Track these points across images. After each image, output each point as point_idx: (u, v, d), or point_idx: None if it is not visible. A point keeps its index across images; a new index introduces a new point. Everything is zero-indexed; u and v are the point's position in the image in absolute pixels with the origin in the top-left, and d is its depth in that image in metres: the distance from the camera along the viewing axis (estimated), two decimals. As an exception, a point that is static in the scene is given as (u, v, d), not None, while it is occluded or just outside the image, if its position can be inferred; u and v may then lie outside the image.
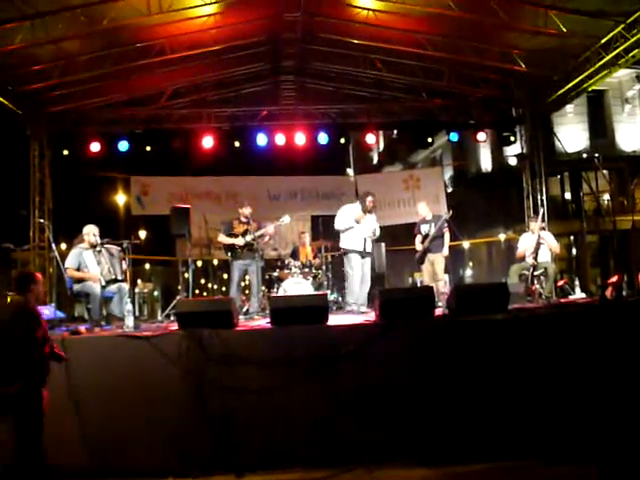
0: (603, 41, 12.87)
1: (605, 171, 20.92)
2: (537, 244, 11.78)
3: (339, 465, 7.29)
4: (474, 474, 7.01)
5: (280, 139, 16.45)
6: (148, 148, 16.26)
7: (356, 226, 11.64)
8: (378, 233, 12.03)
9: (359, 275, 11.63)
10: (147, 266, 37.58)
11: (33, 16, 11.48)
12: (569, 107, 27.55)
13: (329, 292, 13.05)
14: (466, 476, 6.99)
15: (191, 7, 12.54)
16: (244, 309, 12.57)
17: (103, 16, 11.87)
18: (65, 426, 7.50)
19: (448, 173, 35.62)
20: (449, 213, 12.84)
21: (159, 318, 11.81)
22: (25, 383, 5.98)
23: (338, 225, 11.85)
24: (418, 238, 12.85)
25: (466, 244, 30.94)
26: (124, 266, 10.53)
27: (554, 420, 7.40)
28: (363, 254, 11.73)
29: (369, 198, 11.77)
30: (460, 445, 7.37)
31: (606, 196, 28.46)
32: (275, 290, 12.86)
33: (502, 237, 28.01)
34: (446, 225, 12.63)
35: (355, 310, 11.39)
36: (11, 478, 5.85)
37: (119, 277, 10.23)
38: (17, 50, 12.33)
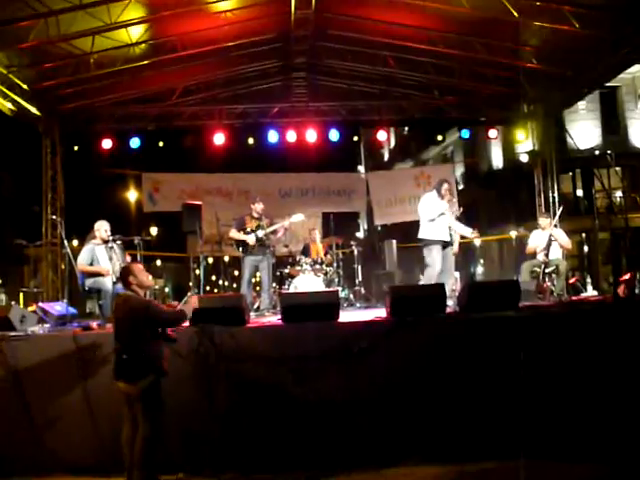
0: (616, 37, 12.80)
1: (618, 168, 20.83)
2: (549, 241, 11.73)
3: (349, 463, 7.31)
4: (484, 472, 7.01)
5: (291, 136, 16.49)
6: (160, 145, 16.32)
7: (443, 215, 10.99)
8: (456, 222, 11.42)
9: (439, 267, 10.85)
10: (158, 262, 37.74)
11: (46, 14, 11.52)
12: (581, 104, 27.46)
13: (340, 289, 13.04)
14: (476, 474, 6.99)
15: (204, 4, 12.59)
16: (255, 306, 12.57)
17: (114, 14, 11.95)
18: (78, 423, 7.56)
19: (459, 170, 35.54)
20: (459, 210, 12.80)
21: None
22: (155, 375, 6.54)
23: (428, 215, 10.96)
24: None
25: (477, 241, 30.81)
26: (129, 259, 10.58)
27: (565, 419, 7.39)
28: (446, 244, 11.08)
29: (445, 186, 11.17)
30: (470, 443, 7.37)
31: (618, 193, 28.28)
32: (286, 287, 12.87)
33: (513, 234, 27.84)
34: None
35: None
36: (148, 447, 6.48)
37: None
38: (30, 48, 12.40)
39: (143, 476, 6.48)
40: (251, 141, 16.76)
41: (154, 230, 33.95)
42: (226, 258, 23.06)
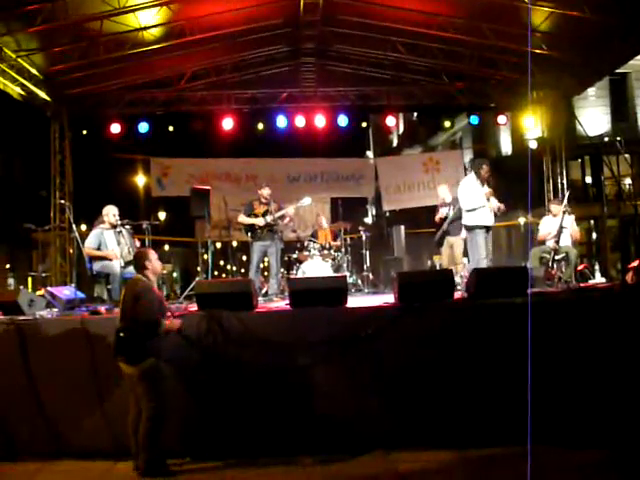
0: (626, 23, 12.71)
1: (627, 155, 20.76)
2: (560, 228, 11.64)
3: (357, 447, 7.34)
4: (490, 458, 7.03)
5: (300, 121, 16.51)
6: (169, 130, 16.35)
7: (486, 202, 10.64)
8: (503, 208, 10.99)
9: (484, 253, 10.64)
10: (166, 247, 37.73)
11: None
12: (591, 90, 27.32)
13: (348, 274, 13.05)
14: (483, 460, 7.01)
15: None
16: (263, 291, 12.59)
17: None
18: (87, 407, 7.60)
19: (468, 156, 35.41)
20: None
21: (179, 299, 11.86)
22: (155, 358, 6.65)
23: (469, 205, 10.69)
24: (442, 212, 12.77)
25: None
26: (138, 244, 10.61)
27: (572, 405, 7.40)
28: (489, 229, 10.83)
29: (484, 167, 10.82)
30: (476, 429, 7.38)
31: (627, 180, 28.17)
32: (294, 272, 12.90)
33: (522, 221, 27.77)
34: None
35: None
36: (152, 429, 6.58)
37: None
38: (38, 32, 12.40)
39: (148, 458, 6.53)
40: (260, 126, 16.77)
41: (162, 215, 33.95)
42: (234, 243, 23.12)
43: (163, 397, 6.65)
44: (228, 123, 16.21)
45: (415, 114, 23.30)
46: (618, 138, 13.57)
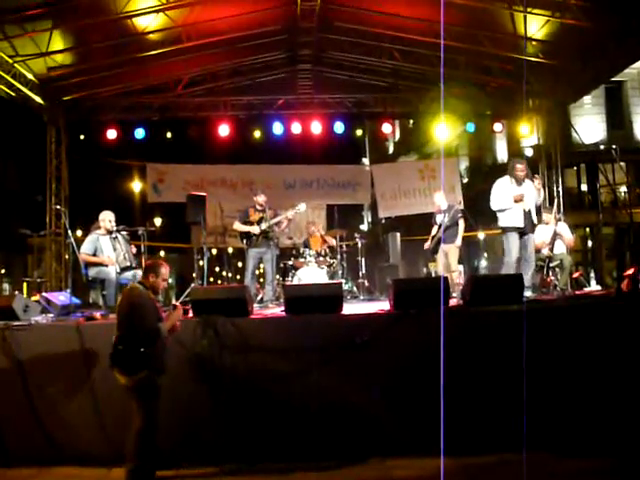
0: (621, 31, 12.75)
1: (622, 163, 20.75)
2: (553, 236, 11.68)
3: (353, 454, 7.33)
4: (487, 465, 7.02)
5: (296, 128, 16.51)
6: (165, 136, 16.36)
7: (515, 204, 10.15)
8: (540, 201, 10.67)
9: (515, 255, 10.14)
10: (162, 253, 37.72)
11: (52, 4, 11.53)
12: (586, 98, 27.36)
13: (344, 281, 13.05)
14: (479, 467, 6.99)
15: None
16: (259, 297, 12.57)
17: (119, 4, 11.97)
18: (82, 414, 7.58)
19: (464, 163, 35.48)
20: (460, 203, 12.76)
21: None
22: (149, 371, 6.52)
23: (493, 205, 10.43)
24: (434, 229, 12.77)
25: (481, 235, 30.84)
26: (134, 250, 10.60)
27: (568, 412, 7.39)
28: (523, 231, 10.21)
29: (518, 166, 10.31)
30: (472, 436, 7.36)
31: (623, 188, 28.26)
32: (290, 278, 12.88)
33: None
34: (460, 215, 12.55)
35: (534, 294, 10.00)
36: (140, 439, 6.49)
37: (134, 264, 10.31)
38: (35, 38, 12.41)
39: (135, 468, 6.46)
40: (257, 133, 16.77)
41: (158, 221, 33.97)
42: (230, 249, 23.12)
43: (155, 409, 6.57)
44: (224, 129, 16.23)
45: (411, 121, 23.26)
46: (614, 146, 13.53)
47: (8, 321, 8.11)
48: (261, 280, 16.44)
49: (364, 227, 47.72)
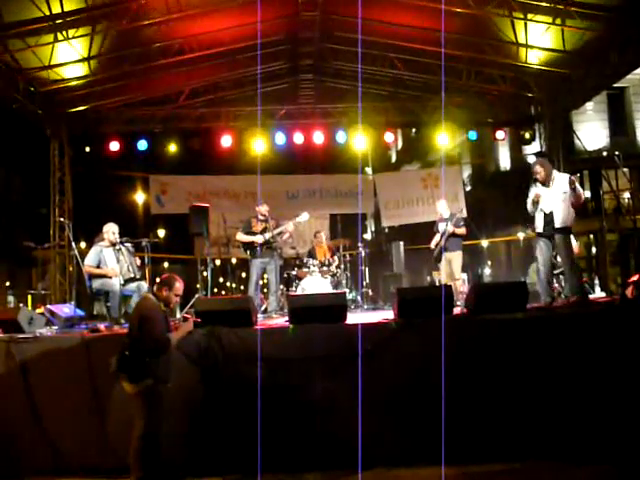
0: (623, 37, 12.77)
1: (625, 169, 20.73)
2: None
3: (358, 462, 7.30)
4: (490, 474, 7.01)
5: (299, 138, 16.50)
6: (167, 147, 16.38)
7: (538, 206, 9.68)
8: (574, 199, 9.51)
9: (541, 260, 9.68)
10: (166, 265, 37.75)
11: (54, 17, 11.56)
12: (589, 104, 27.32)
13: (347, 291, 13.04)
14: (482, 476, 6.99)
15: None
16: (263, 308, 12.57)
17: (123, 16, 12.01)
18: (87, 425, 7.58)
19: (467, 172, 35.47)
20: (462, 211, 12.74)
21: (178, 316, 11.86)
22: (153, 379, 6.57)
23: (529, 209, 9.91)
24: (436, 237, 12.75)
25: (485, 243, 30.84)
26: (138, 262, 10.61)
27: (573, 420, 7.37)
28: (546, 235, 9.65)
29: (536, 167, 9.81)
30: (477, 445, 7.35)
31: (626, 194, 28.16)
32: (294, 289, 12.87)
33: (521, 235, 27.78)
34: (462, 223, 12.55)
35: (546, 302, 9.61)
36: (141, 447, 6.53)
37: (137, 276, 10.32)
38: (37, 50, 12.45)
39: (138, 478, 6.47)
40: (259, 143, 16.78)
41: (161, 232, 33.98)
42: (234, 260, 23.12)
43: (157, 418, 6.58)
44: (227, 140, 16.24)
45: (413, 130, 23.27)
46: (617, 152, 13.52)
47: (13, 333, 8.13)
48: (265, 290, 16.43)
49: (367, 236, 47.68)
